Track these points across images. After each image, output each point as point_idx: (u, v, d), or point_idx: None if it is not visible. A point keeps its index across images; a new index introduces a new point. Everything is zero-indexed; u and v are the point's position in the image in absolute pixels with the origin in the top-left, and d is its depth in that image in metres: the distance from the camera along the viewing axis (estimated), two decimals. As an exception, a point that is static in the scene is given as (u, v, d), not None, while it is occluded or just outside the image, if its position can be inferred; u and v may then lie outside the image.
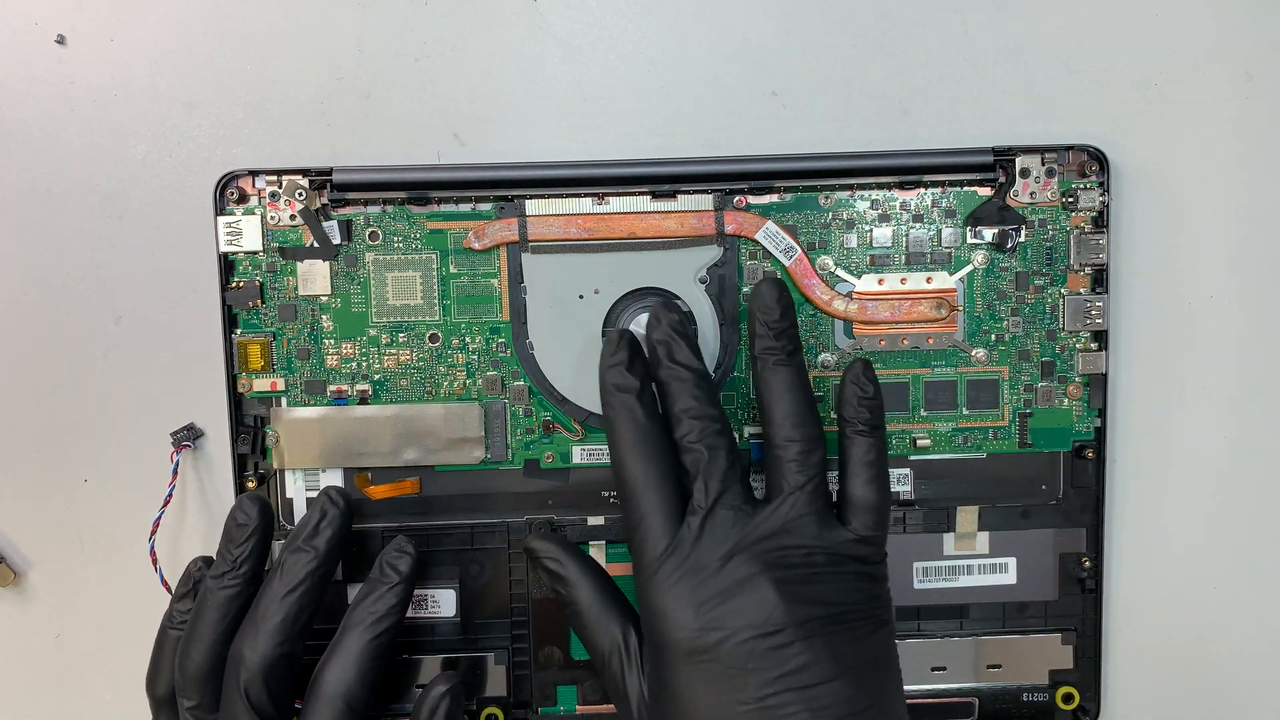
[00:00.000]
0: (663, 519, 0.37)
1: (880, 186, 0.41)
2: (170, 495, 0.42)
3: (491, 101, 0.42)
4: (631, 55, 0.42)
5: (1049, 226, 0.42)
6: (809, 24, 0.42)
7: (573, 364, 0.42)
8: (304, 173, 0.41)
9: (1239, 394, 0.43)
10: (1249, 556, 0.44)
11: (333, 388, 0.42)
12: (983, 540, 0.43)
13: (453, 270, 0.42)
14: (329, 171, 0.41)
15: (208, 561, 0.39)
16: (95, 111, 0.42)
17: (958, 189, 0.41)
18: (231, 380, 0.42)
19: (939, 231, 0.42)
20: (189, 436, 0.42)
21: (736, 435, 0.42)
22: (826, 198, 0.42)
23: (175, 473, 0.42)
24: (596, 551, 0.43)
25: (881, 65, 0.42)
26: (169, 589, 0.41)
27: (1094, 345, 0.42)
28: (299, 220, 0.41)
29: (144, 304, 0.43)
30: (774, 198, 0.42)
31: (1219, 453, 0.43)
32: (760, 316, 0.38)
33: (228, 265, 0.41)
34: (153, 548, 0.41)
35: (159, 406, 0.43)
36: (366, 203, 0.41)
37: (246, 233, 0.41)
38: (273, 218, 0.41)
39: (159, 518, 0.41)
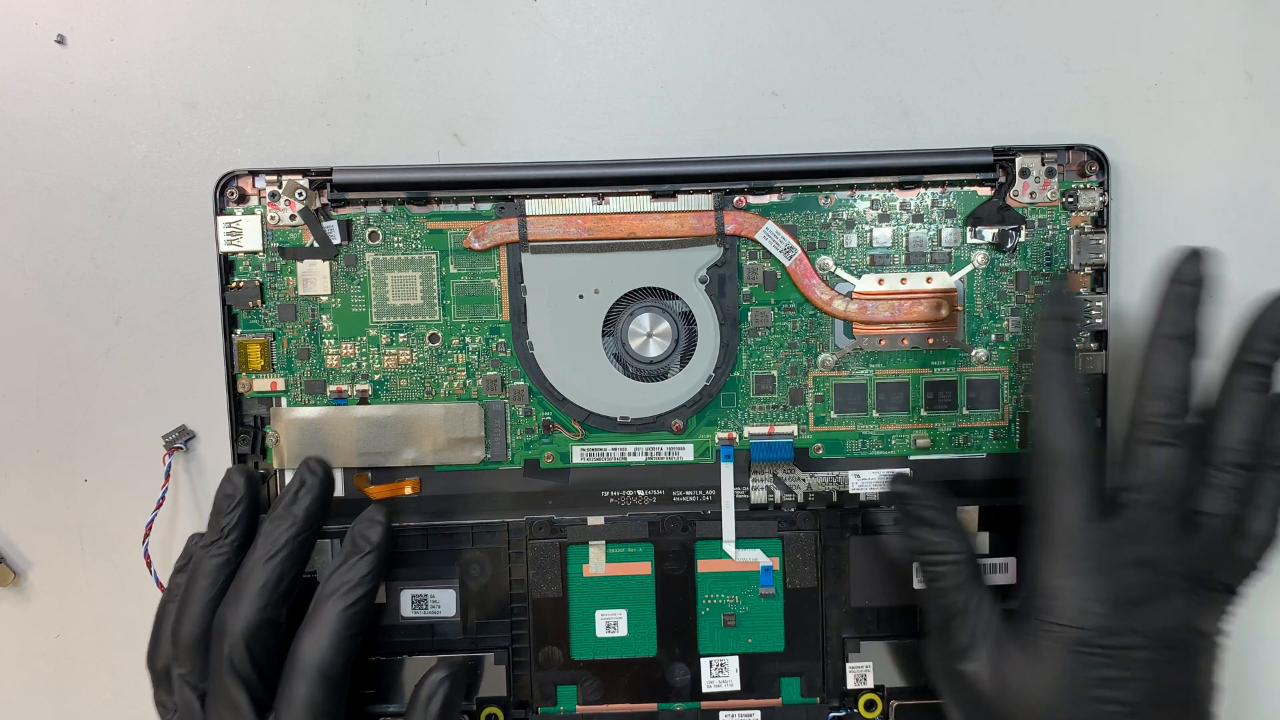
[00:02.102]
0: (1089, 497, 0.36)
1: (880, 186, 0.41)
2: (163, 498, 0.42)
3: (491, 101, 0.42)
4: (631, 55, 0.42)
5: (1049, 226, 0.42)
6: (809, 24, 0.42)
7: (572, 364, 0.42)
8: (304, 173, 0.41)
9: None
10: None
11: (332, 387, 0.42)
12: (983, 540, 0.43)
13: (453, 270, 0.42)
14: (329, 171, 0.41)
15: None
16: (95, 111, 0.42)
17: (957, 189, 0.41)
18: (231, 380, 0.42)
19: (939, 231, 0.42)
20: (180, 438, 0.42)
21: (737, 436, 0.42)
22: (826, 198, 0.42)
23: (167, 475, 0.42)
24: (596, 552, 0.43)
25: (881, 65, 0.42)
26: (163, 589, 0.41)
27: (1094, 345, 0.42)
28: (299, 220, 0.41)
29: (144, 304, 0.43)
30: (774, 198, 0.42)
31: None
32: (1268, 330, 0.37)
33: (228, 265, 0.41)
34: (146, 550, 0.41)
35: (159, 407, 0.43)
36: (366, 203, 0.41)
37: (246, 232, 0.41)
38: (273, 218, 0.41)
39: (151, 520, 0.41)
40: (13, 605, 0.44)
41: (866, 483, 0.42)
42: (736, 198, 0.41)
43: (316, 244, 0.41)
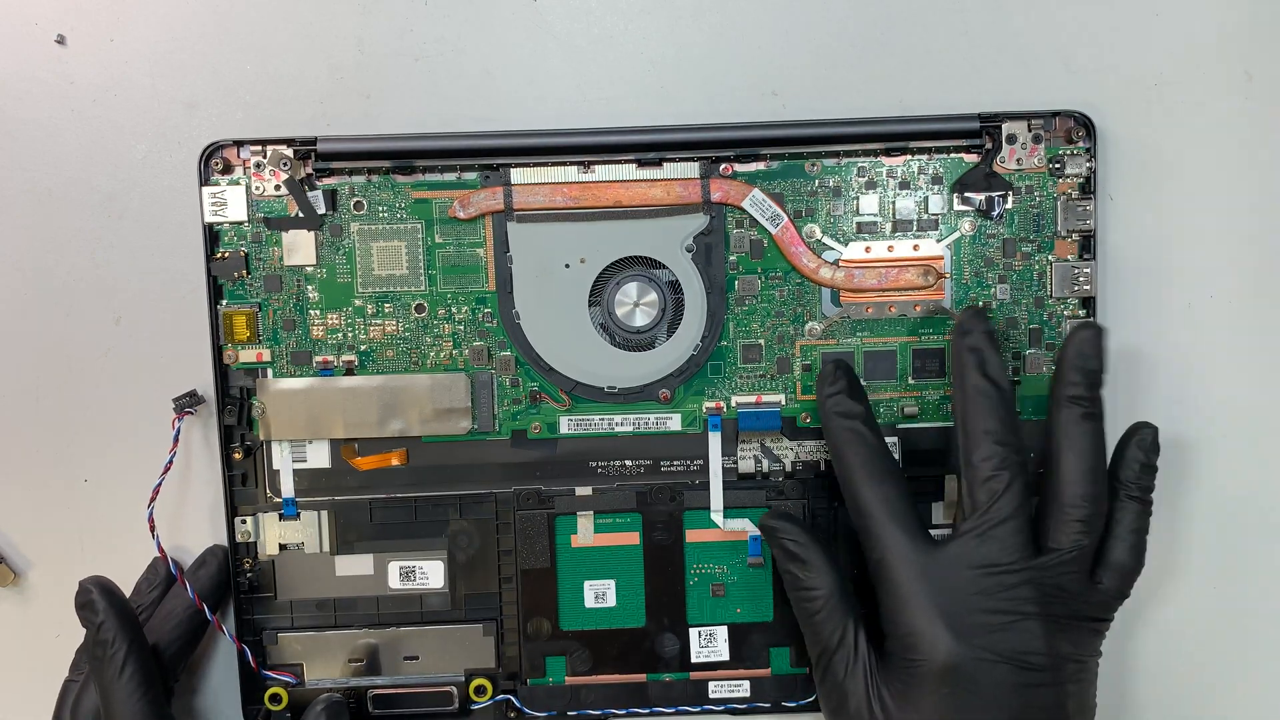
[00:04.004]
0: (909, 539, 0.37)
1: (867, 154, 0.41)
2: (170, 462, 0.41)
3: (491, 101, 0.42)
4: (631, 55, 0.42)
5: (1036, 193, 0.41)
6: (809, 24, 0.42)
7: (559, 334, 0.42)
8: (289, 142, 0.41)
9: (1228, 363, 0.43)
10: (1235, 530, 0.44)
11: (318, 358, 0.42)
12: (971, 509, 0.43)
13: (438, 240, 0.41)
14: (314, 141, 0.41)
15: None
16: (95, 111, 0.42)
17: (944, 156, 0.41)
18: (217, 351, 0.41)
19: (926, 198, 0.42)
20: (191, 403, 0.42)
21: (724, 405, 0.42)
22: (813, 165, 0.41)
23: (176, 440, 0.41)
24: (584, 522, 0.42)
25: (882, 68, 0.42)
26: (164, 555, 0.41)
27: (1082, 312, 0.42)
28: (284, 190, 0.41)
29: (144, 304, 0.42)
30: (760, 165, 0.41)
31: (1209, 421, 0.43)
32: (1077, 362, 0.38)
33: (213, 236, 0.41)
34: (151, 514, 0.41)
35: (159, 406, 0.42)
36: (351, 172, 0.41)
37: (231, 203, 0.41)
38: (257, 188, 0.41)
39: (159, 485, 0.41)
40: (13, 605, 0.44)
41: (854, 451, 0.42)
42: (723, 165, 0.41)
43: (301, 214, 0.41)
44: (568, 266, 0.41)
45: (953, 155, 0.41)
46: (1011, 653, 0.36)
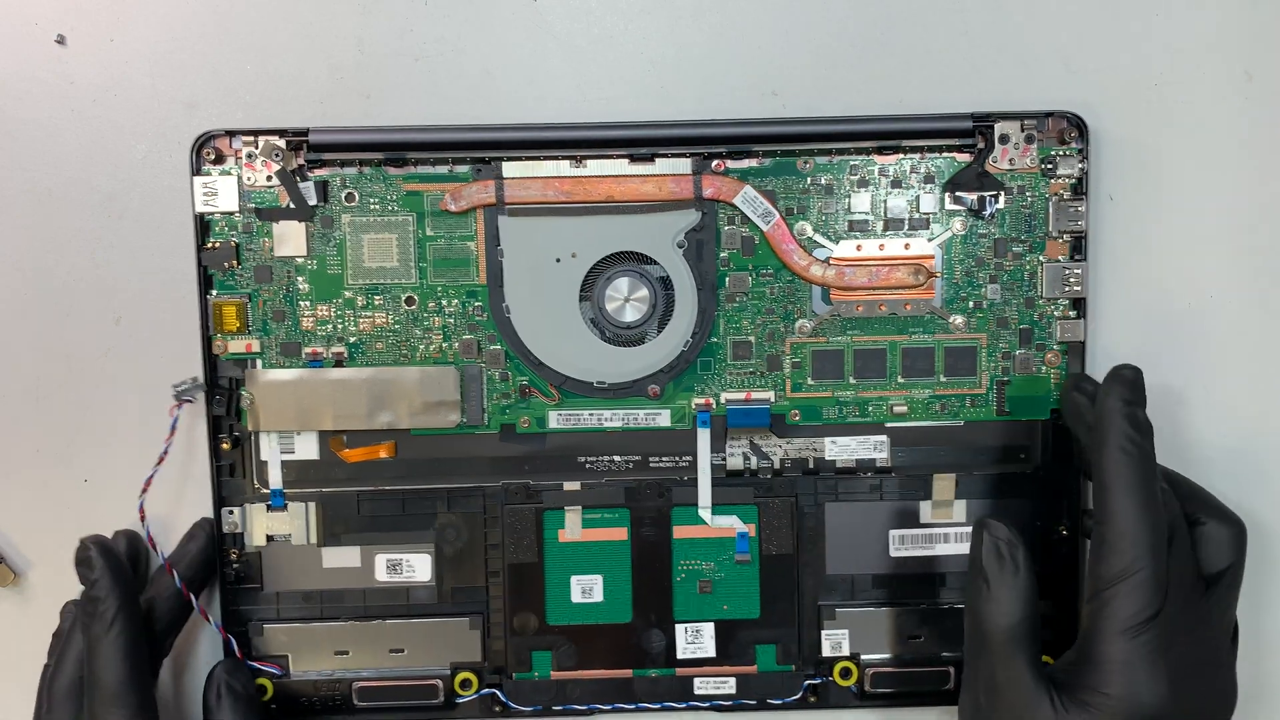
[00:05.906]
0: (1160, 580, 0.35)
1: (859, 152, 0.41)
2: (166, 451, 0.41)
3: (491, 102, 0.42)
4: (631, 55, 0.42)
5: (1028, 193, 0.41)
6: (809, 24, 0.42)
7: (549, 328, 0.42)
8: (280, 133, 0.41)
9: (1227, 364, 0.43)
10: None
11: (308, 350, 0.42)
12: (960, 508, 0.43)
13: (429, 232, 0.41)
14: (305, 132, 0.41)
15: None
16: (95, 111, 0.42)
17: (936, 155, 0.41)
18: (207, 341, 0.41)
19: (917, 197, 0.41)
20: (192, 389, 0.41)
21: (714, 402, 0.42)
22: (805, 163, 0.41)
23: (173, 428, 0.41)
24: (572, 517, 0.42)
25: (882, 68, 0.42)
26: (154, 545, 0.41)
27: (1073, 313, 0.42)
28: (275, 181, 0.41)
29: (144, 304, 0.42)
30: (752, 162, 0.41)
31: (1199, 422, 0.43)
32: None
33: (204, 226, 0.41)
34: (141, 505, 0.41)
35: (159, 406, 0.42)
36: (343, 164, 0.41)
37: (222, 193, 0.41)
38: (249, 179, 0.41)
39: (152, 475, 0.41)
40: (13, 605, 0.44)
41: (843, 450, 0.42)
42: (715, 162, 0.41)
43: (293, 205, 0.41)
44: (559, 261, 0.41)
45: (945, 154, 0.41)
46: (1209, 709, 0.37)
